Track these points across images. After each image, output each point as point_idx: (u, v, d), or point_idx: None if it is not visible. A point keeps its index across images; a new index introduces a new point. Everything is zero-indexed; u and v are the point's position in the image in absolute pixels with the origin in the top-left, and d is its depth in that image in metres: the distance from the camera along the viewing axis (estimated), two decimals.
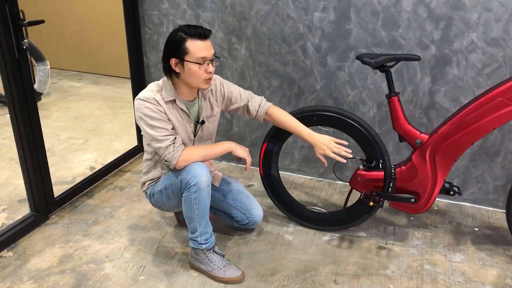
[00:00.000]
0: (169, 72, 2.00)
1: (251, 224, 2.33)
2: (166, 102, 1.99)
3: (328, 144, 2.12)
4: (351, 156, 2.10)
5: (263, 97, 2.26)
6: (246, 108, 2.22)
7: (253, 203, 2.32)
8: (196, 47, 1.90)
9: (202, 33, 1.91)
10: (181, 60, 1.92)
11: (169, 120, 2.00)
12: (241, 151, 2.11)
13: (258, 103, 2.22)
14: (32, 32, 3.52)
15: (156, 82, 2.05)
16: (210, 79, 1.97)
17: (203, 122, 2.12)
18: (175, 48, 1.92)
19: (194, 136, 2.14)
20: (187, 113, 2.06)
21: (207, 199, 2.00)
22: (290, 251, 2.31)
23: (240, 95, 2.21)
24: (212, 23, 2.86)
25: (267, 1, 2.69)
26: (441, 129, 2.13)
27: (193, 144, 2.16)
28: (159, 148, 1.97)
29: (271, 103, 2.24)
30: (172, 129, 2.01)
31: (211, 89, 2.14)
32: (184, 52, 1.90)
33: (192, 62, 1.90)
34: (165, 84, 2.02)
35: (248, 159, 2.11)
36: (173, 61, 1.94)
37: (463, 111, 2.07)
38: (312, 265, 2.20)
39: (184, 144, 2.08)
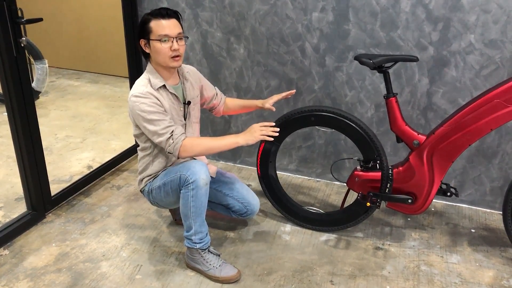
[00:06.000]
0: (145, 56, 2.08)
1: (250, 213, 2.33)
2: (157, 90, 2.02)
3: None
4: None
5: (216, 87, 2.39)
6: (213, 99, 2.34)
7: (250, 192, 2.33)
8: (158, 25, 1.97)
9: (164, 12, 1.98)
10: (148, 40, 2.00)
11: (164, 108, 2.02)
12: (253, 140, 2.05)
13: (219, 95, 2.38)
14: (31, 30, 3.51)
15: (142, 76, 2.08)
16: (177, 56, 2.01)
17: (189, 102, 2.15)
18: (141, 29, 2.02)
19: (185, 119, 2.16)
20: (176, 96, 2.09)
21: (204, 198, 2.00)
22: (287, 251, 2.31)
23: (209, 85, 2.33)
24: (211, 23, 2.86)
25: (266, 1, 2.69)
26: (439, 130, 2.13)
27: (185, 128, 2.16)
28: (161, 142, 1.99)
29: (225, 95, 2.43)
30: (170, 118, 2.03)
31: (189, 72, 2.20)
32: (149, 31, 1.99)
33: (155, 40, 1.98)
34: (151, 73, 2.06)
35: (267, 136, 2.07)
36: (142, 42, 2.03)
37: (461, 113, 2.07)
38: (308, 265, 2.20)
39: (184, 133, 2.07)
